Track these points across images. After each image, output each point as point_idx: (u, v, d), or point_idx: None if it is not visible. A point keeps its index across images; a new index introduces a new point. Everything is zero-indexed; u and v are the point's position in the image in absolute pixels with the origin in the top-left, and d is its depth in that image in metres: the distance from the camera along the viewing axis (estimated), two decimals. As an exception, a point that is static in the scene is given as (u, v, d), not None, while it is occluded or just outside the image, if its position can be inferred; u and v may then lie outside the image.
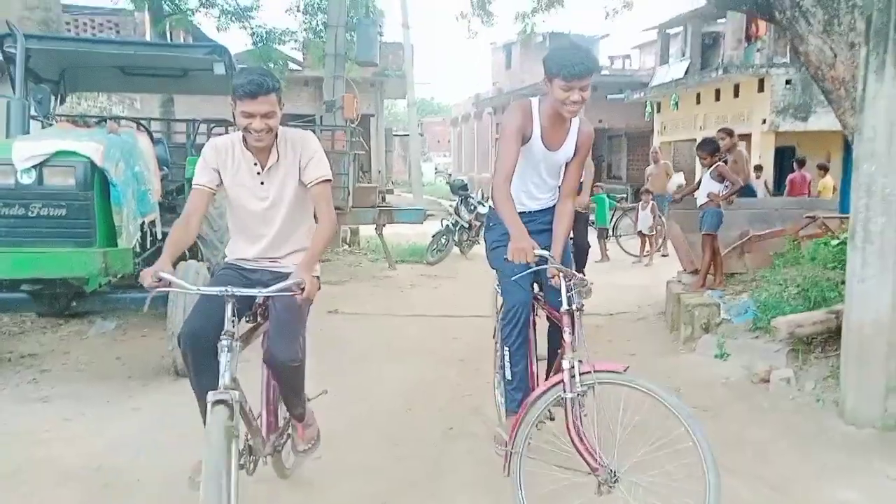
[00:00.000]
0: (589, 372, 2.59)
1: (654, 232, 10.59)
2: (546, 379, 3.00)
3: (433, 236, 11.14)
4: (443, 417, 4.06)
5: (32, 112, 5.48)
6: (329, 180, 2.81)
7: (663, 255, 10.76)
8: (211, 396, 2.33)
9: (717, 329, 5.11)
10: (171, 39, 14.61)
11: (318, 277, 2.80)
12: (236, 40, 31.72)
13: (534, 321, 3.16)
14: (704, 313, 5.27)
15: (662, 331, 6.03)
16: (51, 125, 5.52)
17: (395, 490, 3.16)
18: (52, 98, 5.91)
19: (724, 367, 4.61)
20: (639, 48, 30.08)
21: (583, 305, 2.70)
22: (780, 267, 5.56)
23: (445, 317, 6.87)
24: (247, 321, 2.79)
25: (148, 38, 13.54)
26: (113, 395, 4.37)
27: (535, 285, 3.10)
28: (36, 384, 4.60)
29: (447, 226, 11.24)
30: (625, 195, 17.58)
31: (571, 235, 3.95)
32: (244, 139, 2.71)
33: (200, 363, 2.54)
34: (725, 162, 6.14)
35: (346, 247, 11.92)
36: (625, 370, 2.59)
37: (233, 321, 2.43)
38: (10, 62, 5.53)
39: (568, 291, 2.69)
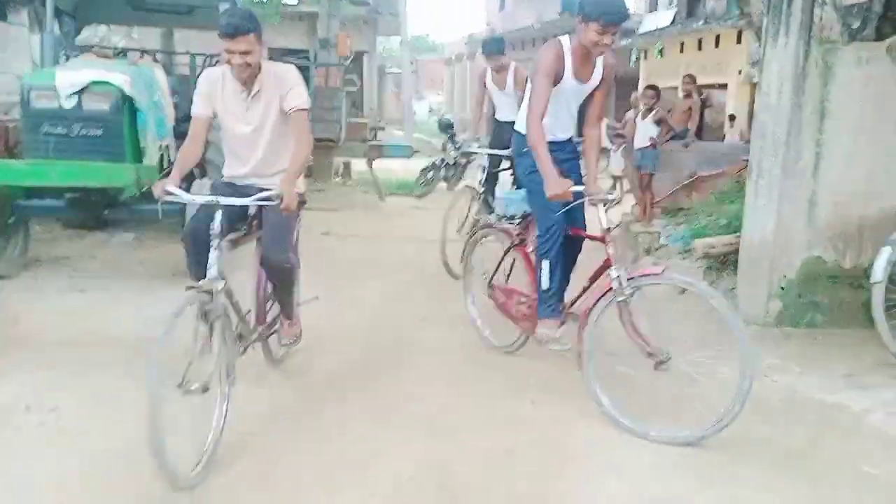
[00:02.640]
0: (633, 277, 3.10)
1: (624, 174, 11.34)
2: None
3: (421, 171, 11.84)
4: (418, 311, 4.92)
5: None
6: (306, 109, 3.15)
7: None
8: (199, 286, 2.75)
9: (656, 252, 5.98)
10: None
11: (301, 194, 3.19)
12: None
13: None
14: (647, 239, 6.14)
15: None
16: (76, 56, 6.16)
17: (374, 358, 4.02)
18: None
19: (654, 281, 5.48)
20: (635, -8, 30.15)
21: (619, 224, 3.34)
22: (716, 202, 6.41)
23: (428, 241, 7.68)
24: (240, 230, 3.28)
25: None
26: (140, 288, 5.19)
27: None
28: (73, 280, 5.41)
29: (434, 162, 11.92)
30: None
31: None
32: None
33: (196, 256, 3.00)
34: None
35: (338, 179, 12.62)
36: (662, 272, 3.12)
37: (219, 225, 2.83)
38: (36, -4, 6.14)
39: (606, 213, 3.19)
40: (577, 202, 3.28)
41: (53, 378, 3.54)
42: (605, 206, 3.22)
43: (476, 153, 6.22)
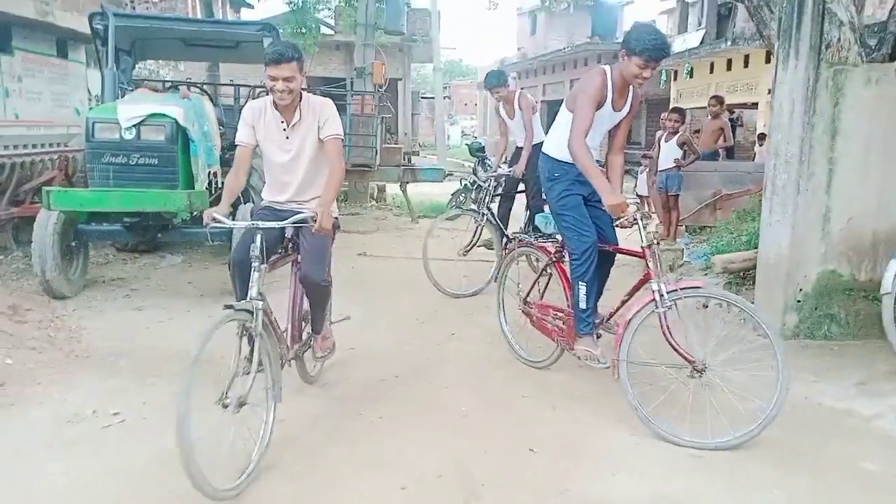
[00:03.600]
0: (675, 290, 3.22)
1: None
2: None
3: (452, 194, 12.16)
4: (447, 327, 5.18)
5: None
6: (340, 137, 3.37)
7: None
8: (237, 306, 2.89)
9: (679, 269, 6.16)
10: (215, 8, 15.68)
11: (336, 218, 3.39)
12: (274, 7, 32.40)
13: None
14: (670, 257, 6.31)
15: (637, 273, 7.06)
16: (131, 90, 6.66)
17: (405, 369, 4.27)
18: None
19: (676, 297, 5.65)
20: (667, 13, 30.35)
21: (659, 241, 3.41)
22: (738, 220, 6.56)
23: (458, 260, 7.96)
24: (278, 252, 3.43)
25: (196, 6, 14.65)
26: (191, 307, 5.58)
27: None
28: (129, 299, 5.83)
29: (465, 185, 12.23)
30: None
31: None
32: (274, 101, 3.28)
33: (241, 281, 3.14)
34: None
35: (373, 202, 13.02)
36: (703, 285, 3.28)
37: (259, 248, 2.97)
38: (96, 36, 6.66)
39: (645, 229, 3.34)
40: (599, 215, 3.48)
41: (116, 387, 3.89)
42: (644, 222, 3.36)
43: (504, 176, 6.45)
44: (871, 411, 3.60)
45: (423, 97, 31.91)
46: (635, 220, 3.36)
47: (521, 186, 6.53)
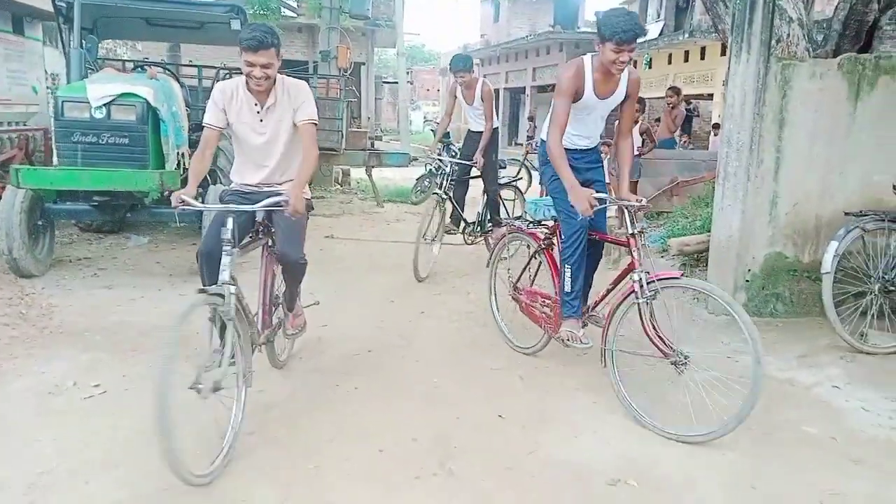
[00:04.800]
0: (654, 280, 3.24)
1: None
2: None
3: (417, 179, 12.28)
4: (417, 306, 5.35)
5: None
6: (315, 122, 3.31)
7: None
8: (210, 290, 2.85)
9: (637, 252, 6.43)
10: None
11: (309, 199, 3.41)
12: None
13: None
14: (629, 240, 6.58)
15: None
16: (93, 70, 6.58)
17: (378, 345, 4.43)
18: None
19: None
20: (626, 5, 30.86)
21: (645, 228, 3.36)
22: (693, 206, 6.88)
23: (425, 243, 8.12)
24: (249, 237, 3.41)
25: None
26: (161, 285, 5.62)
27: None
28: (97, 278, 5.84)
29: (430, 170, 12.37)
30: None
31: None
32: (247, 82, 3.19)
33: (210, 267, 3.07)
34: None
35: (338, 187, 13.06)
36: (681, 276, 3.24)
37: (232, 231, 2.93)
38: (59, 14, 6.58)
39: (631, 218, 3.33)
40: (600, 208, 3.45)
41: (94, 360, 3.97)
42: (629, 210, 3.34)
43: (457, 163, 6.59)
44: (811, 381, 3.92)
45: (385, 82, 31.85)
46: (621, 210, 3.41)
47: (475, 171, 6.64)
